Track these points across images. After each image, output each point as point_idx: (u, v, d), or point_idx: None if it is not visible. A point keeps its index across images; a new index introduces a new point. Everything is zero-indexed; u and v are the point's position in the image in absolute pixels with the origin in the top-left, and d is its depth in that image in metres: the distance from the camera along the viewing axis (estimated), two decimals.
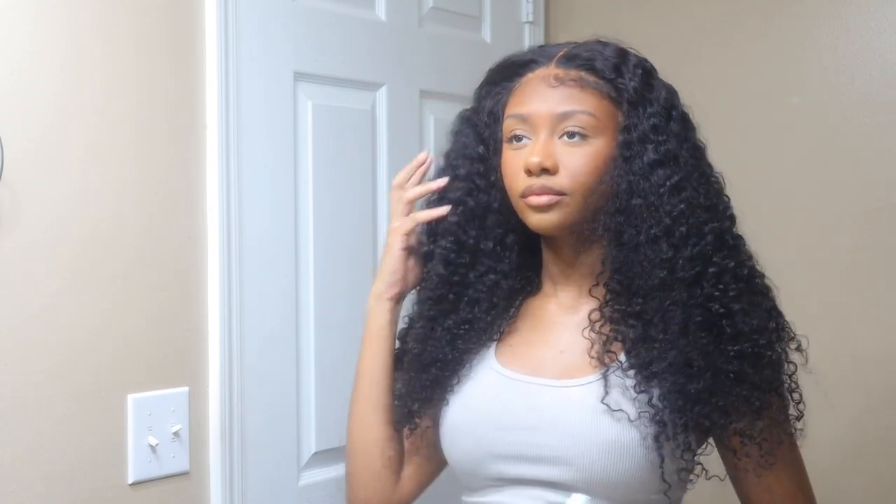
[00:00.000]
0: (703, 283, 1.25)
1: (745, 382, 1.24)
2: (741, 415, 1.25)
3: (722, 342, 1.25)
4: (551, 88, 1.29)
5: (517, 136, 1.31)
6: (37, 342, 1.54)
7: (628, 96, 1.29)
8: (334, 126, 1.97)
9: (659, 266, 1.25)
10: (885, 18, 2.08)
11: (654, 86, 1.32)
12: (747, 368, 1.24)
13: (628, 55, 1.33)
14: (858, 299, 2.09)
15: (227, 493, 1.77)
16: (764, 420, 1.27)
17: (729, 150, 2.23)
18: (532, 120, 1.29)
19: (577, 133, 1.28)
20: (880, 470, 2.04)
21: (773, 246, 2.14)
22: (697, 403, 1.23)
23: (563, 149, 1.28)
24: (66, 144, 1.58)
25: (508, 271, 1.38)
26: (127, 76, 1.65)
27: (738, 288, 1.27)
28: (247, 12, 1.80)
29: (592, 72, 1.30)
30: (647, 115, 1.29)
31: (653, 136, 1.28)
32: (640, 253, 1.26)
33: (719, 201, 1.32)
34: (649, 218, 1.26)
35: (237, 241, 1.78)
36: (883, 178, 2.07)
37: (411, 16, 2.14)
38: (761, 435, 1.26)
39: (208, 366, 1.76)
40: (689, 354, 1.24)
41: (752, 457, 1.28)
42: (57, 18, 1.56)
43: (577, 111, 1.28)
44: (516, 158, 1.30)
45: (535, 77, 1.32)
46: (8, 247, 1.50)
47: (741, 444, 1.27)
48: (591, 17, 2.47)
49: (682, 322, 1.24)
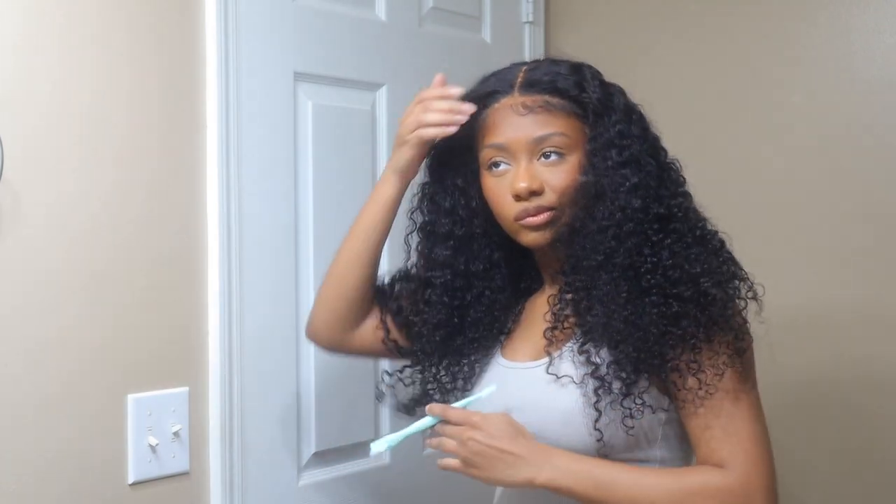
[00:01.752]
0: (645, 251, 1.33)
1: (684, 319, 1.30)
2: (679, 351, 1.30)
3: (665, 293, 1.31)
4: (521, 116, 1.38)
5: (496, 163, 1.40)
6: (36, 342, 1.54)
7: (593, 108, 1.39)
8: (334, 126, 1.97)
9: (603, 247, 1.34)
10: (885, 18, 2.08)
11: (612, 93, 1.42)
12: (690, 308, 1.30)
13: (583, 69, 1.42)
14: (859, 298, 2.10)
15: (227, 493, 1.77)
16: (704, 354, 1.31)
17: (729, 149, 2.25)
18: (510, 148, 1.39)
19: (553, 153, 1.38)
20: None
21: (773, 246, 2.16)
22: (628, 340, 1.30)
23: (544, 169, 1.38)
24: (66, 144, 1.58)
25: (503, 285, 1.50)
26: (127, 77, 1.65)
27: (685, 244, 1.34)
28: (247, 12, 1.80)
29: (556, 93, 1.39)
30: (613, 123, 1.38)
31: (618, 141, 1.37)
32: (589, 239, 1.35)
33: (672, 185, 1.40)
34: (605, 210, 1.34)
35: (237, 240, 1.78)
36: (883, 178, 2.07)
37: (411, 16, 2.14)
38: (700, 368, 1.30)
39: (208, 366, 1.76)
40: (629, 311, 1.31)
41: (692, 389, 1.31)
42: (56, 18, 1.56)
43: (551, 133, 1.38)
44: (501, 185, 1.40)
45: (502, 107, 1.41)
46: (8, 246, 1.50)
47: (680, 377, 1.32)
48: (590, 17, 2.47)
49: (624, 289, 1.32)
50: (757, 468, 1.30)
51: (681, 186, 1.41)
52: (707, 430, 1.32)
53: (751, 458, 1.30)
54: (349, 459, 2.00)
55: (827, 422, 2.12)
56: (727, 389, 1.31)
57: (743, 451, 1.30)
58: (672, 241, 1.34)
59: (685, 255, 1.33)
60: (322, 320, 1.60)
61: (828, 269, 2.12)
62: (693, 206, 1.40)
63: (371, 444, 1.40)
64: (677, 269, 1.32)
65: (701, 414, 1.32)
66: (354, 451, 2.01)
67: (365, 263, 1.55)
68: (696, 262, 1.32)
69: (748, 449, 1.30)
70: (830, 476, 2.12)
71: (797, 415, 2.12)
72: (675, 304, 1.30)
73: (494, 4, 2.34)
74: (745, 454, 1.30)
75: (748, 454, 1.30)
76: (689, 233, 1.36)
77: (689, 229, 1.36)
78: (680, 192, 1.40)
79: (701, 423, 1.32)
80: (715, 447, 1.31)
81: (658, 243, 1.33)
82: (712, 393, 1.31)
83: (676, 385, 1.32)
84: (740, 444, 1.30)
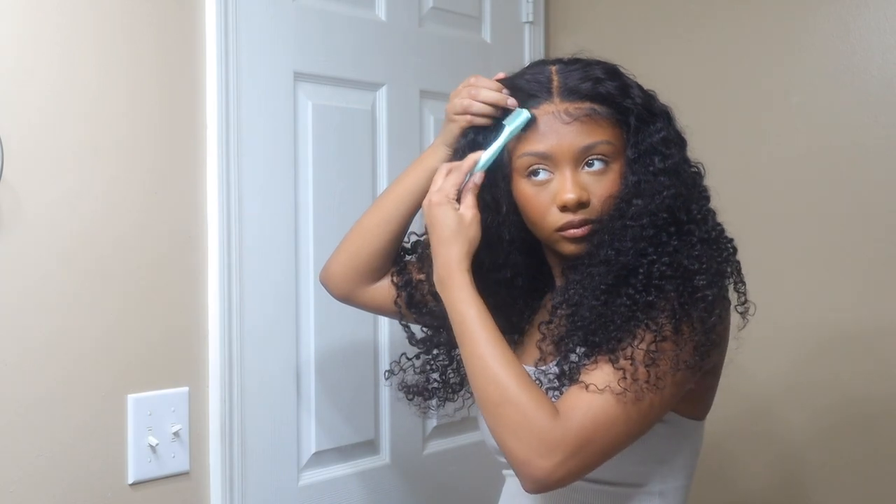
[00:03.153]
0: (649, 250, 1.30)
1: (656, 310, 1.26)
2: (639, 341, 1.24)
3: (647, 285, 1.28)
4: (566, 125, 1.33)
5: (535, 171, 1.35)
6: (36, 342, 1.54)
7: (637, 114, 1.35)
8: (334, 126, 1.97)
9: (617, 245, 1.30)
10: (885, 18, 2.08)
11: (652, 96, 1.39)
12: (670, 302, 1.26)
13: (620, 72, 1.39)
14: (857, 298, 2.10)
15: (227, 493, 1.77)
16: (668, 344, 1.25)
17: (728, 149, 2.25)
18: (555, 157, 1.33)
19: (597, 160, 1.33)
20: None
21: (772, 245, 2.16)
22: (589, 327, 1.27)
23: (589, 178, 1.33)
24: (66, 144, 1.58)
25: (523, 289, 1.46)
26: (127, 77, 1.65)
27: (690, 244, 1.31)
28: (247, 12, 1.80)
29: (599, 100, 1.34)
30: (658, 129, 1.35)
31: (661, 147, 1.34)
32: (608, 235, 1.32)
33: (697, 190, 1.37)
34: (633, 213, 1.31)
35: (237, 240, 1.78)
36: (883, 178, 2.07)
37: (411, 16, 2.14)
38: (654, 362, 1.24)
39: (208, 366, 1.76)
40: (601, 301, 1.28)
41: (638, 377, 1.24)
42: (56, 19, 1.56)
43: (598, 142, 1.33)
44: (542, 194, 1.35)
45: (542, 113, 1.35)
46: (8, 246, 1.50)
47: (631, 364, 1.24)
48: (590, 17, 2.47)
49: (608, 280, 1.29)
50: (578, 441, 1.22)
51: (705, 191, 1.39)
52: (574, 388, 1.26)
53: (581, 429, 1.22)
54: (349, 459, 2.00)
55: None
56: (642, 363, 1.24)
57: (582, 416, 1.22)
58: (679, 243, 1.31)
59: (686, 254, 1.31)
60: (340, 269, 1.58)
61: (826, 271, 2.12)
62: (713, 210, 1.37)
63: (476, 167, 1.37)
64: (671, 267, 1.29)
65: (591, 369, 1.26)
66: (354, 451, 2.01)
67: (395, 225, 1.52)
68: (695, 259, 1.30)
69: (586, 421, 1.22)
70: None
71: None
72: (653, 293, 1.26)
73: (494, 4, 2.34)
74: (581, 420, 1.22)
75: (583, 424, 1.22)
76: (700, 235, 1.33)
77: (702, 232, 1.34)
78: (704, 196, 1.38)
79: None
80: (568, 393, 1.25)
81: (664, 244, 1.31)
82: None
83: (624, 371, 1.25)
84: (587, 411, 1.22)
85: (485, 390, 1.27)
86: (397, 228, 1.53)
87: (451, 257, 1.33)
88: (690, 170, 1.38)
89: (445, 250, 1.34)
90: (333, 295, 1.62)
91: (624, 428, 1.24)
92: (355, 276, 1.56)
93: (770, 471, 2.20)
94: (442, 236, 1.35)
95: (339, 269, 1.58)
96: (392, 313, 1.58)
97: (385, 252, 1.54)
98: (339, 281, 1.59)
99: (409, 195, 1.51)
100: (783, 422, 2.17)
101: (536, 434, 1.22)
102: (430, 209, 1.36)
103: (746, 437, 2.21)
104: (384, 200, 1.55)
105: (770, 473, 2.20)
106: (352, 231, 1.58)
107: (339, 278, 1.59)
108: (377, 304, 1.59)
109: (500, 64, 1.86)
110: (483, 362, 1.27)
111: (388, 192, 1.55)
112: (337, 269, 1.59)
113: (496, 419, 1.25)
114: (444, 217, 1.34)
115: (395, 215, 1.52)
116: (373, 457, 2.05)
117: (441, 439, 2.18)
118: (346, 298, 1.61)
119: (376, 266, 1.55)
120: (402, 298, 1.54)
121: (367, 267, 1.55)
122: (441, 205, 1.35)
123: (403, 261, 1.56)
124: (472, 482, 2.18)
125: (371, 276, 1.56)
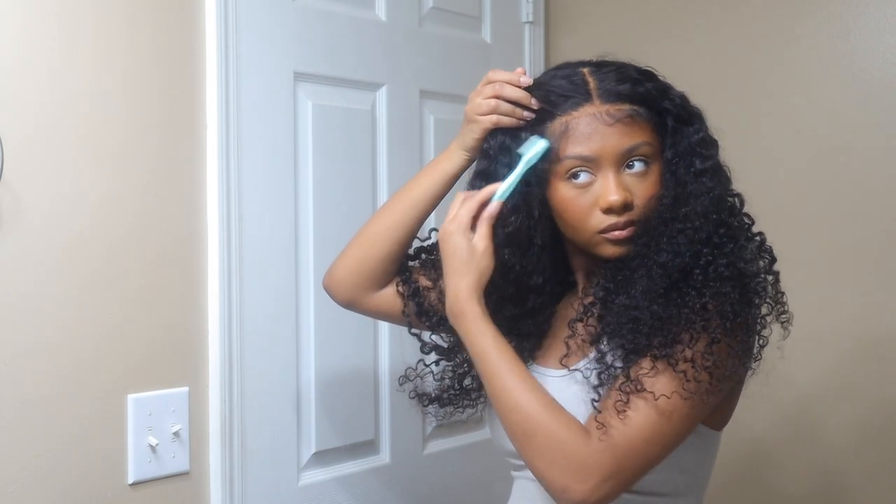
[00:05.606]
0: (704, 250, 1.30)
1: (708, 313, 1.25)
2: (694, 341, 1.24)
3: (703, 288, 1.27)
4: (608, 126, 1.32)
5: (576, 174, 1.34)
6: (36, 341, 1.54)
7: (676, 115, 1.35)
8: (334, 126, 1.97)
9: (673, 248, 1.29)
10: (885, 18, 2.08)
11: (687, 99, 1.39)
12: (724, 304, 1.25)
13: (655, 74, 1.39)
14: (858, 298, 2.09)
15: (227, 493, 1.77)
16: (722, 346, 1.25)
17: (729, 149, 2.25)
18: (598, 159, 1.32)
19: (638, 161, 1.33)
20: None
21: (775, 246, 2.16)
22: (642, 330, 1.26)
23: (632, 180, 1.33)
24: (66, 144, 1.58)
25: (550, 296, 1.44)
26: (127, 77, 1.65)
27: (740, 246, 1.31)
28: (247, 12, 1.80)
29: (639, 101, 1.34)
30: (696, 130, 1.36)
31: (700, 149, 1.35)
32: (657, 239, 1.31)
33: (731, 190, 1.38)
34: (682, 216, 1.31)
35: (237, 240, 1.78)
36: (883, 177, 2.07)
37: (411, 16, 2.14)
38: (715, 364, 1.24)
39: (208, 366, 1.76)
40: (659, 304, 1.27)
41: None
42: (56, 19, 1.56)
43: (639, 144, 1.32)
44: (584, 196, 1.33)
45: (583, 115, 1.33)
46: (8, 246, 1.50)
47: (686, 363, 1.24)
48: (590, 17, 2.47)
49: (664, 284, 1.28)
50: (616, 459, 1.21)
51: (738, 193, 1.39)
52: (613, 395, 1.24)
53: (620, 446, 1.22)
54: (349, 459, 2.00)
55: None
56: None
57: (621, 434, 1.22)
58: (734, 246, 1.30)
59: (739, 255, 1.30)
60: (346, 274, 1.54)
61: (827, 271, 2.12)
62: (745, 211, 1.38)
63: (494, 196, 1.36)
64: (729, 268, 1.28)
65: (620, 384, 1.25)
66: (354, 451, 2.01)
67: (404, 232, 1.49)
68: (749, 262, 1.30)
69: (628, 437, 1.22)
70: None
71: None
72: (707, 296, 1.26)
73: (494, 4, 2.34)
74: (620, 438, 1.22)
75: (623, 442, 1.22)
76: (746, 235, 1.34)
77: (748, 232, 1.35)
78: (740, 199, 1.38)
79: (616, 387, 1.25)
80: (602, 408, 1.24)
81: (718, 245, 1.30)
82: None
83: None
84: (626, 427, 1.22)
85: (515, 422, 1.26)
86: (407, 233, 1.50)
87: (461, 289, 1.33)
88: (726, 172, 1.38)
89: (455, 282, 1.33)
90: (337, 301, 1.59)
91: (672, 438, 1.25)
92: (362, 282, 1.53)
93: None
94: (452, 266, 1.34)
95: (345, 275, 1.54)
96: (397, 321, 1.56)
97: (394, 257, 1.51)
98: (344, 287, 1.55)
99: (421, 200, 1.48)
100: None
101: (572, 459, 1.22)
102: (443, 238, 1.36)
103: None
104: (395, 204, 1.51)
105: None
106: (358, 236, 1.54)
107: (344, 284, 1.55)
108: (382, 311, 1.56)
109: (499, 64, 1.86)
110: (507, 395, 1.27)
111: (398, 197, 1.51)
112: (342, 275, 1.55)
113: (530, 449, 1.25)
114: (456, 247, 1.34)
115: (405, 220, 1.49)
116: (373, 457, 2.05)
117: (441, 439, 2.18)
118: (350, 305, 1.57)
119: (384, 271, 1.52)
120: (410, 308, 1.51)
121: (374, 273, 1.52)
122: (454, 234, 1.34)
123: (407, 268, 1.54)
124: (473, 482, 2.18)
125: (378, 282, 1.53)
